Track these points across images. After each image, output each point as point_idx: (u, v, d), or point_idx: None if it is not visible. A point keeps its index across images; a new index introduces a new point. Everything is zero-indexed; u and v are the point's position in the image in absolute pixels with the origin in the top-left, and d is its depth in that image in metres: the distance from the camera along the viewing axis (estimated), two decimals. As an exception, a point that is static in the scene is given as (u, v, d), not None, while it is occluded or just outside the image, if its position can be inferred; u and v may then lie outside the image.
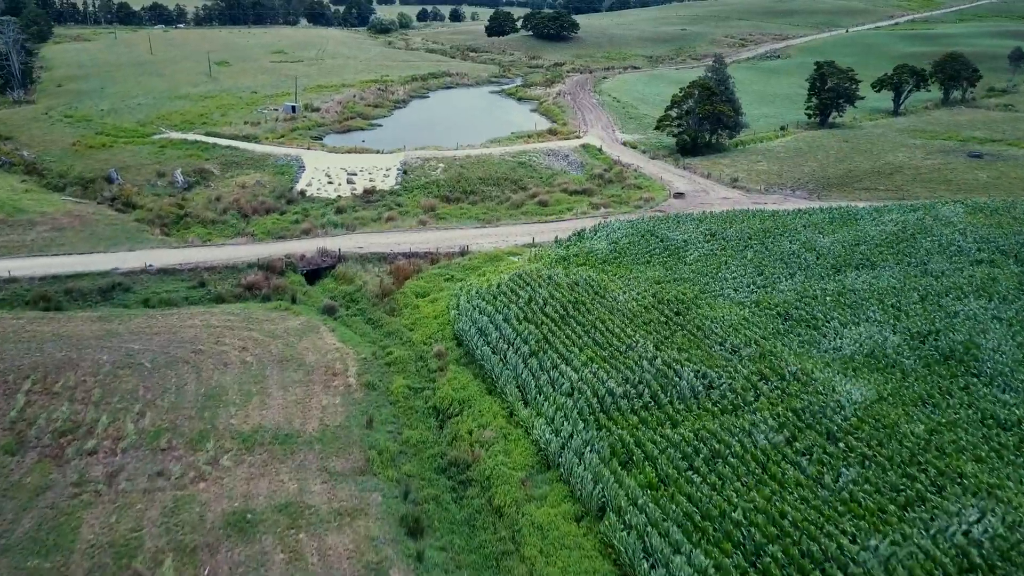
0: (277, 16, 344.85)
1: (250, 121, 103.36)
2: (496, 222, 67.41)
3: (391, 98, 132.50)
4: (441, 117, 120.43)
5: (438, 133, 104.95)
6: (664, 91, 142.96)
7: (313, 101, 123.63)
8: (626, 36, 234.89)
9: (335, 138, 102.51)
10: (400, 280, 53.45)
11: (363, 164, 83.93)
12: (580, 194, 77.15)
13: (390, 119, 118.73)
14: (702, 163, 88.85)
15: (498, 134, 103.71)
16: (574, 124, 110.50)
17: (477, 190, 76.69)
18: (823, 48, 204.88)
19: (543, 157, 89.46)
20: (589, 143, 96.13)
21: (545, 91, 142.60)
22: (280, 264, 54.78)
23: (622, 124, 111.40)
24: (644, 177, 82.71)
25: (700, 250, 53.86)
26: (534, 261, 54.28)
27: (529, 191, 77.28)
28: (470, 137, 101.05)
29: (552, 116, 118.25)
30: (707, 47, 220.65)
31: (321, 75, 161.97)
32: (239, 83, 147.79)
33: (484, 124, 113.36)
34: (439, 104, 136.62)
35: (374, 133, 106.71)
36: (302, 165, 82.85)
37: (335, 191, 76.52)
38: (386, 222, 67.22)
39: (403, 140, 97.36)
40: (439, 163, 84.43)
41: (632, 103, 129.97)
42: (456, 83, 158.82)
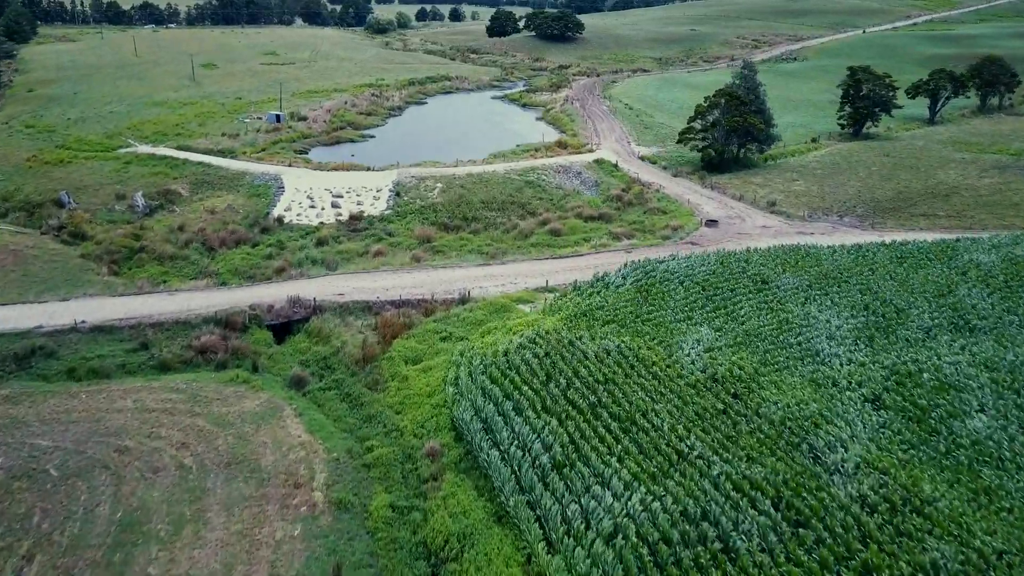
0: (272, 16, 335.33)
1: (229, 133, 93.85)
2: (502, 257, 57.89)
3: (386, 105, 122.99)
4: (439, 126, 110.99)
5: (436, 145, 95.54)
6: (679, 96, 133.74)
7: (301, 108, 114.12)
8: (633, 37, 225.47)
9: (322, 152, 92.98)
10: (387, 338, 43.99)
11: (351, 184, 74.44)
12: (597, 220, 67.68)
13: (384, 129, 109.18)
14: (731, 182, 79.36)
15: (502, 146, 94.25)
16: (585, 135, 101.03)
17: (480, 216, 67.17)
18: (841, 50, 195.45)
19: (553, 175, 79.99)
20: (603, 158, 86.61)
21: (551, 96, 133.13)
22: (242, 318, 45.33)
23: (638, 135, 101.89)
24: (668, 199, 73.20)
25: (751, 302, 44.37)
26: (550, 314, 44.82)
27: (539, 216, 67.80)
28: (471, 150, 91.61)
29: (560, 125, 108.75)
30: (718, 48, 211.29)
31: (313, 79, 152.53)
32: (224, 88, 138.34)
33: (486, 135, 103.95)
34: (437, 111, 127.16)
35: (365, 146, 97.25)
36: (281, 185, 73.35)
37: (317, 216, 67.08)
38: (374, 257, 57.71)
39: (397, 154, 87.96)
40: (436, 182, 74.98)
41: (646, 110, 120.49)
42: (456, 87, 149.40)
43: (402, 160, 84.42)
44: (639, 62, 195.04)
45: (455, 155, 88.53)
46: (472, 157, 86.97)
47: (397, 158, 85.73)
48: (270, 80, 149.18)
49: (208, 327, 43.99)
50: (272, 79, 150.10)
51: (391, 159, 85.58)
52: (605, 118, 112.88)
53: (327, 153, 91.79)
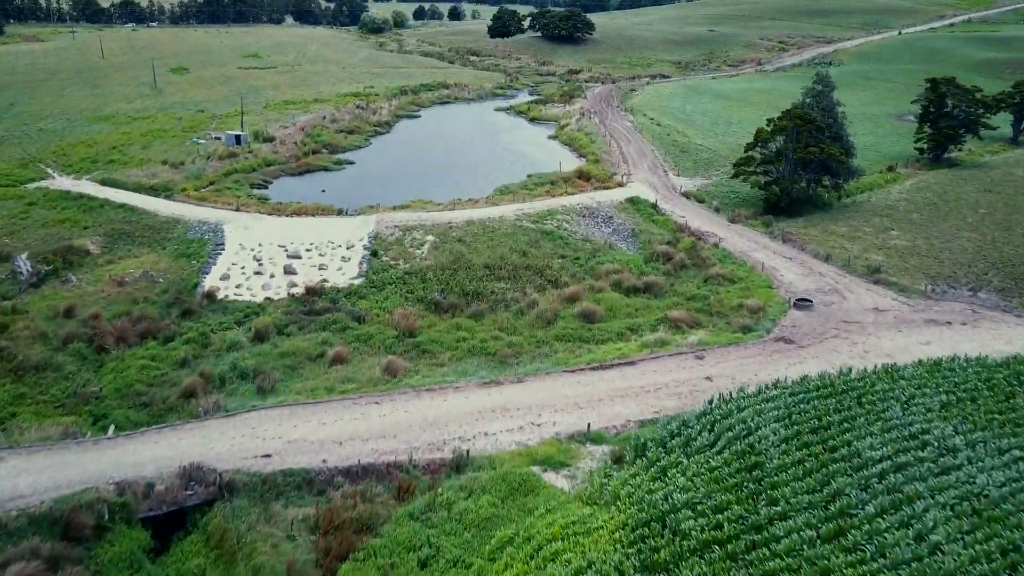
0: (261, 15, 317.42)
1: (173, 161, 75.86)
2: (515, 364, 40.23)
3: (372, 119, 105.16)
4: (433, 148, 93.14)
5: (428, 175, 77.84)
6: (710, 109, 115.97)
7: (270, 125, 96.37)
8: (647, 38, 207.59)
9: (286, 185, 75.16)
10: (331, 560, 26.35)
11: (314, 236, 56.80)
12: (643, 293, 50.03)
13: (367, 152, 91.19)
14: (807, 231, 61.68)
15: (510, 177, 76.58)
16: (610, 160, 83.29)
17: (483, 290, 49.38)
18: (880, 53, 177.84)
19: (577, 220, 62.35)
20: (638, 195, 68.86)
21: (564, 109, 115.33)
22: (96, 512, 27.74)
23: (674, 161, 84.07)
24: (732, 259, 55.53)
25: (937, 500, 26.42)
26: (602, 509, 27.25)
27: (563, 288, 50.13)
28: (471, 183, 74.04)
29: (579, 147, 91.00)
30: (741, 51, 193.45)
31: (292, 86, 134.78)
32: (188, 98, 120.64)
33: (490, 160, 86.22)
34: (432, 127, 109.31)
35: (341, 177, 79.27)
36: (222, 241, 55.68)
37: (264, 288, 49.46)
38: (331, 366, 40.05)
39: (378, 188, 70.41)
40: (426, 234, 57.37)
41: (676, 126, 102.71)
42: (454, 96, 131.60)
43: (384, 198, 66.83)
44: (656, 66, 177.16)
45: (451, 190, 70.94)
46: (472, 194, 69.31)
47: (378, 195, 68.17)
48: (244, 88, 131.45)
49: (31, 540, 26.29)
50: (246, 87, 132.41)
51: (370, 196, 67.98)
52: (631, 137, 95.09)
53: (292, 187, 73.98)
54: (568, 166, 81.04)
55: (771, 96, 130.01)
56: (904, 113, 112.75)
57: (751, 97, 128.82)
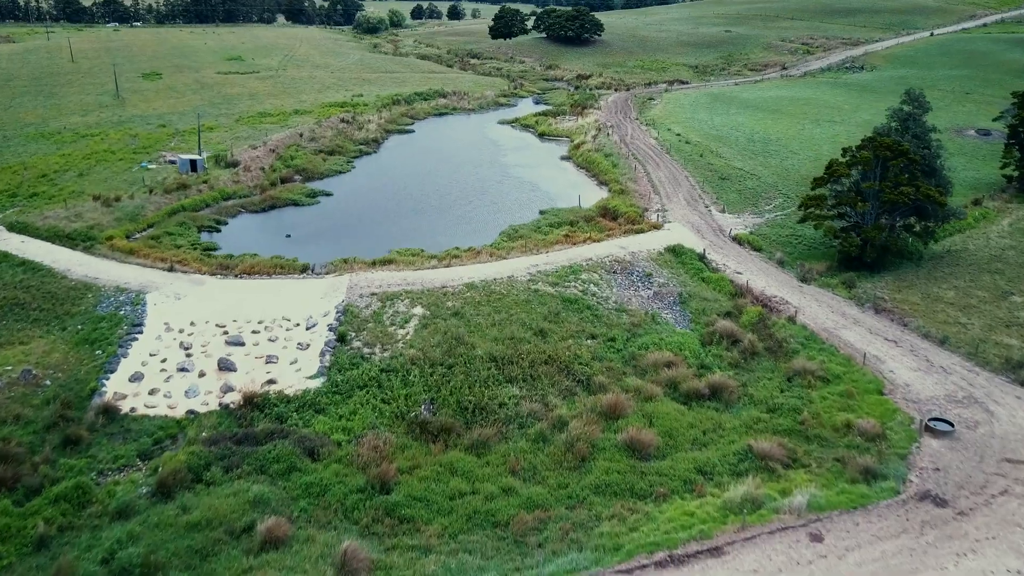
0: (251, 14, 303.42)
1: (106, 196, 61.95)
2: (535, 548, 26.66)
3: (357, 136, 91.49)
4: (426, 175, 79.41)
5: (419, 213, 64.31)
6: (742, 122, 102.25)
7: (236, 145, 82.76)
8: (660, 39, 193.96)
9: (244, 227, 61.46)
10: None
11: (265, 310, 43.20)
12: (707, 401, 36.46)
13: (348, 180, 77.31)
14: (902, 294, 48.11)
15: (518, 214, 63.12)
16: (639, 191, 69.71)
17: (488, 399, 35.63)
18: (914, 56, 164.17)
19: (607, 280, 48.78)
20: (680, 242, 55.18)
21: (577, 123, 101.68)
22: None
23: (714, 191, 70.47)
24: (816, 341, 41.93)
25: None
26: None
27: (598, 392, 36.58)
28: (472, 222, 60.63)
29: (598, 172, 77.38)
30: (762, 53, 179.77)
31: (272, 95, 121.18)
32: (151, 109, 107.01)
33: (494, 190, 72.64)
34: (426, 145, 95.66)
35: (313, 215, 65.43)
36: (141, 320, 42.07)
37: (188, 396, 35.94)
38: (260, 552, 26.36)
39: (356, 234, 56.99)
40: (413, 304, 43.84)
41: (707, 144, 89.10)
42: (452, 107, 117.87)
43: (362, 246, 53.31)
44: (672, 71, 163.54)
45: (447, 233, 57.50)
46: (473, 239, 55.80)
47: (355, 241, 54.70)
48: (217, 96, 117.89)
49: None
50: (220, 95, 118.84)
51: (346, 243, 54.49)
52: (659, 160, 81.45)
53: (252, 230, 60.35)
54: (588, 198, 67.46)
55: (806, 106, 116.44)
56: (963, 128, 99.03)
57: (784, 107, 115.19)
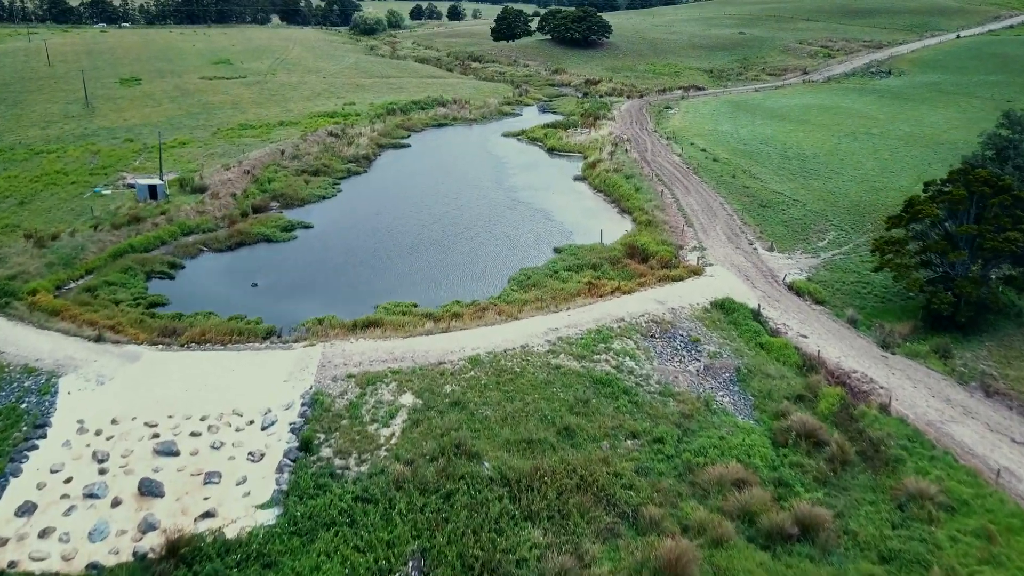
0: (245, 14, 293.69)
1: (39, 234, 52.04)
2: None
3: (346, 152, 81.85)
4: (421, 201, 69.59)
5: (412, 252, 54.58)
6: (772, 134, 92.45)
7: (208, 165, 73.17)
8: (670, 41, 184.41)
9: (204, 271, 51.55)
10: None
11: (208, 403, 33.48)
12: (795, 544, 26.79)
13: (331, 207, 67.34)
14: (1014, 369, 38.51)
15: (529, 252, 53.55)
16: (667, 220, 60.03)
17: (501, 555, 25.97)
18: (944, 61, 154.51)
19: (645, 349, 39.15)
20: (730, 295, 45.50)
21: (590, 136, 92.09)
22: None
23: (756, 221, 60.80)
24: (921, 443, 32.29)
25: None
26: None
27: (648, 533, 26.94)
28: (474, 265, 50.97)
29: (618, 196, 67.73)
30: (780, 57, 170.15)
31: (257, 103, 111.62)
32: (123, 119, 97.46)
33: (500, 219, 62.92)
34: (423, 163, 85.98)
35: (287, 254, 55.26)
36: (47, 416, 32.39)
37: (91, 538, 26.27)
38: None
39: (335, 282, 47.34)
40: (402, 389, 34.24)
41: (737, 162, 79.53)
42: (452, 117, 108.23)
43: (341, 299, 43.73)
44: (685, 75, 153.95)
45: (444, 280, 47.91)
46: (477, 287, 46.25)
47: (334, 295, 45.11)
48: (197, 105, 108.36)
49: None
50: (200, 104, 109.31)
51: (324, 295, 44.92)
52: (688, 182, 71.82)
53: (212, 276, 50.51)
54: (610, 230, 57.85)
55: (836, 115, 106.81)
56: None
57: (813, 117, 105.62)
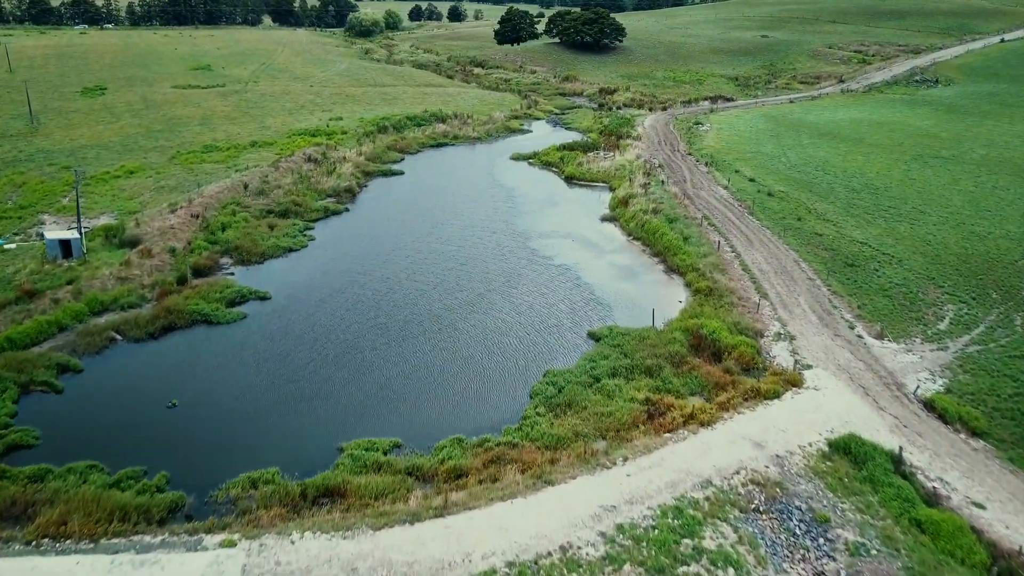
0: (235, 15, 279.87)
1: None
2: None
3: (326, 184, 68.07)
4: (412, 258, 55.52)
5: (397, 343, 40.54)
6: (824, 157, 77.94)
7: (153, 203, 59.52)
8: (689, 45, 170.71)
9: (107, 374, 37.30)
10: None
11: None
12: None
13: (296, 266, 52.68)
14: None
15: (557, 349, 39.72)
16: (732, 288, 46.08)
17: None
18: (993, 67, 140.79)
19: (751, 540, 25.36)
20: (849, 427, 31.71)
21: (614, 161, 78.28)
22: None
23: (846, 287, 46.84)
24: None
25: None
26: None
27: None
28: (480, 371, 37.13)
29: (663, 249, 53.73)
30: (810, 63, 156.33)
31: (231, 118, 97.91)
32: (68, 139, 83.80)
33: (514, 288, 48.67)
34: (417, 198, 71.97)
35: (228, 345, 40.50)
36: None
37: None
38: None
39: (285, 394, 33.43)
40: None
41: (798, 196, 65.75)
42: (453, 135, 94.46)
43: (293, 430, 30.07)
44: (709, 84, 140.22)
45: (439, 402, 34.20)
46: (486, 410, 32.55)
47: (281, 421, 31.40)
48: (161, 120, 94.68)
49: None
50: (165, 119, 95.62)
51: (267, 422, 31.22)
52: (743, 226, 58.04)
53: (118, 383, 36.58)
54: (661, 301, 44.11)
55: (893, 133, 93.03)
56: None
57: (866, 134, 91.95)
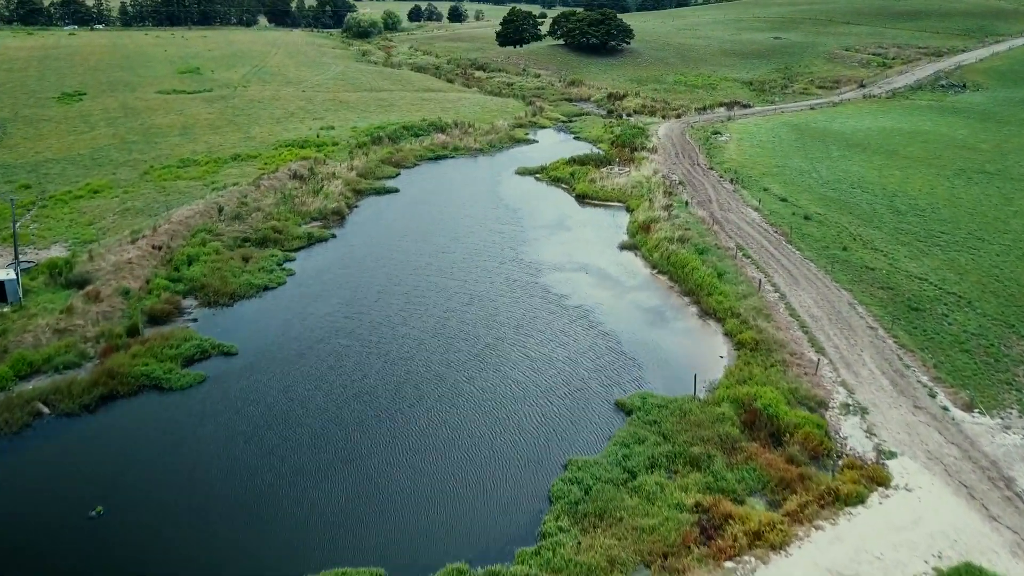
0: (230, 15, 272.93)
1: None
2: None
3: (312, 205, 61.04)
4: (408, 294, 48.56)
5: (386, 413, 33.39)
6: (859, 173, 69.97)
7: (114, 230, 52.60)
8: (699, 48, 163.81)
9: (31, 458, 30.15)
10: None
11: None
12: None
13: (269, 309, 45.20)
14: None
15: (580, 426, 32.75)
16: (781, 341, 39.02)
17: None
18: (1023, 71, 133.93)
19: None
20: (960, 551, 24.74)
21: (631, 178, 71.28)
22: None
23: (914, 339, 39.82)
24: None
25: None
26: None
27: None
28: (485, 455, 30.01)
29: (694, 288, 46.64)
30: (826, 66, 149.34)
31: (214, 127, 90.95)
32: (34, 151, 76.91)
33: (523, 334, 41.49)
34: (412, 222, 64.91)
35: (183, 415, 33.81)
36: None
37: None
38: None
39: (248, 496, 26.23)
40: None
41: (839, 220, 58.75)
42: (454, 146, 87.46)
43: (252, 539, 23.09)
44: (723, 88, 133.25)
45: (434, 505, 27.21)
46: (495, 530, 25.55)
47: (239, 531, 24.34)
48: (139, 130, 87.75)
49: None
50: (143, 128, 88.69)
51: (219, 533, 24.19)
52: (783, 256, 50.97)
53: (42, 472, 29.50)
54: (699, 357, 37.17)
55: (927, 144, 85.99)
56: None
57: (899, 146, 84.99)
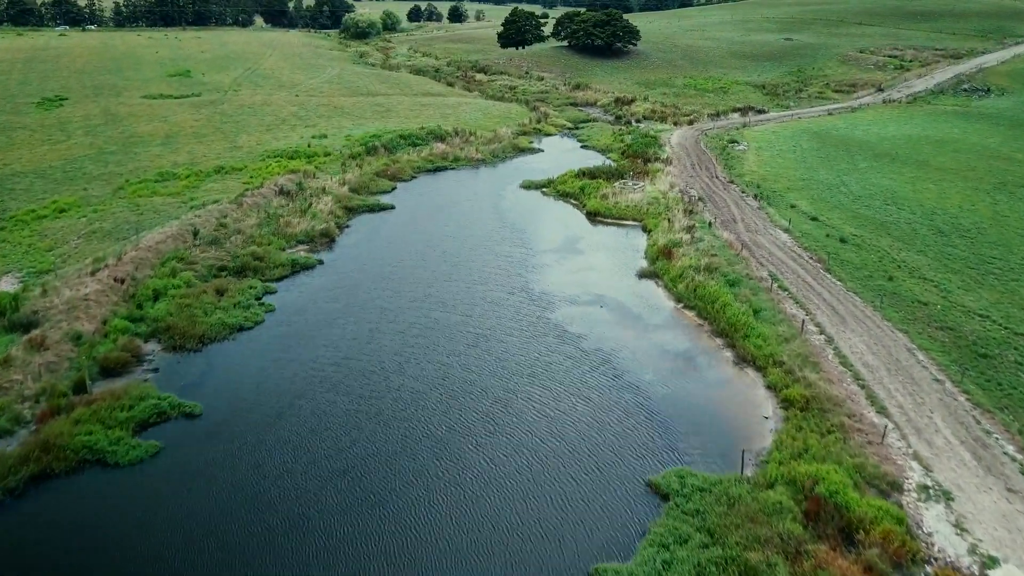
0: (225, 16, 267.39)
1: None
2: None
3: (298, 226, 55.50)
4: (402, 336, 42.93)
5: (380, 500, 27.74)
6: (890, 187, 64.36)
7: (75, 257, 47.20)
8: (707, 49, 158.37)
9: None
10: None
11: None
12: None
13: (244, 350, 40.13)
14: None
15: (608, 517, 27.17)
16: (832, 395, 33.58)
17: None
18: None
19: None
20: None
21: (646, 193, 65.77)
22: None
23: (993, 401, 34.45)
24: None
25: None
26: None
27: None
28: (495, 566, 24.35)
29: (725, 326, 41.10)
30: (841, 69, 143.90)
31: (200, 135, 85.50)
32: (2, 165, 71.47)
33: (535, 388, 35.79)
34: (408, 245, 59.29)
35: (129, 502, 27.78)
36: None
37: None
38: None
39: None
40: None
41: (877, 243, 53.30)
42: (454, 156, 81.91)
43: None
44: (735, 92, 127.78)
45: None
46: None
47: None
48: (118, 139, 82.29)
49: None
50: (123, 137, 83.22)
51: None
52: (824, 289, 45.49)
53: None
54: (740, 416, 31.75)
55: (958, 154, 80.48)
56: None
57: (928, 155, 79.53)
